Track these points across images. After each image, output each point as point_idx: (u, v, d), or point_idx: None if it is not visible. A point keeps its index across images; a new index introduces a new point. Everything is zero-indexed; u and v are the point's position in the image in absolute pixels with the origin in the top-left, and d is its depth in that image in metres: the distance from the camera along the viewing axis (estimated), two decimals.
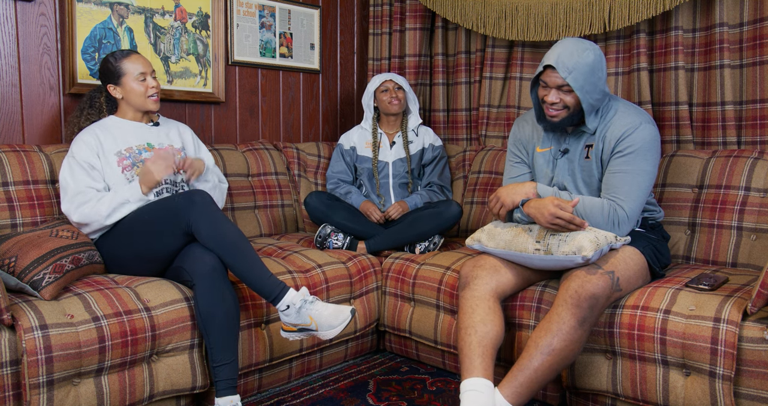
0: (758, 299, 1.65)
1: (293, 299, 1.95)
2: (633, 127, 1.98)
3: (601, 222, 1.95)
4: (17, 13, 2.38)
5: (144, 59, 2.26)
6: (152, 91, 2.23)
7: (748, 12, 2.38)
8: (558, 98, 2.00)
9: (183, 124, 2.47)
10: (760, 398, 1.65)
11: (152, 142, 2.29)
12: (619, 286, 1.86)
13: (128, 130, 2.25)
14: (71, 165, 2.13)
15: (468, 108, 3.27)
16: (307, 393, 2.25)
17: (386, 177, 2.95)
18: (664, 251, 2.12)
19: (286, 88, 3.34)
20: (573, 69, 1.95)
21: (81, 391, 1.72)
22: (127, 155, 2.20)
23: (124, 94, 2.23)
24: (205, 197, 1.98)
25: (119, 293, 1.87)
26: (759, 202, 2.22)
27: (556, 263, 1.91)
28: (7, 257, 1.82)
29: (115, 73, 2.21)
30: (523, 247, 1.96)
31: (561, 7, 2.72)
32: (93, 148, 2.15)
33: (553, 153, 2.15)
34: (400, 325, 2.49)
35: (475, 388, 1.77)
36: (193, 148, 2.42)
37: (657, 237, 2.12)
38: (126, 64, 2.21)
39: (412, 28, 3.31)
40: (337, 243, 2.67)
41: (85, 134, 2.18)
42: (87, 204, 2.07)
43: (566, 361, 1.80)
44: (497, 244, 2.03)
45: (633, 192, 1.95)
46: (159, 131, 2.33)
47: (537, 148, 2.20)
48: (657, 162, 2.02)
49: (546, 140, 2.18)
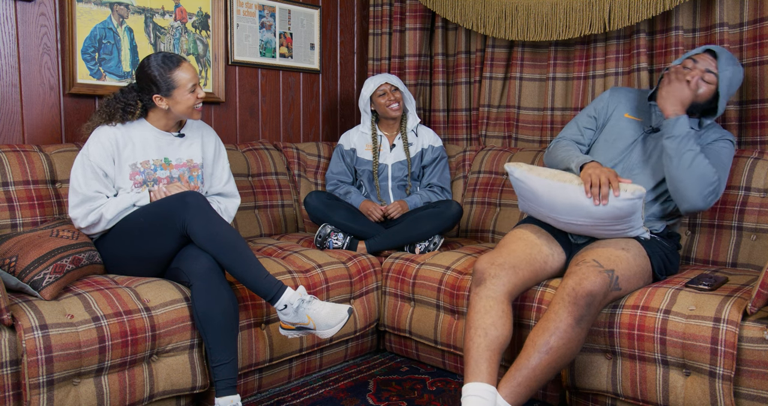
0: (758, 299, 1.65)
1: (291, 298, 1.95)
2: (731, 139, 2.11)
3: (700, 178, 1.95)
4: (17, 13, 2.38)
5: (192, 68, 2.13)
6: (199, 103, 2.15)
7: (748, 12, 2.38)
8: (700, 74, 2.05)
9: (209, 131, 2.35)
10: (760, 398, 1.65)
11: (170, 158, 2.20)
12: (618, 285, 1.86)
13: (150, 142, 2.16)
14: (84, 166, 2.07)
15: (468, 108, 3.27)
16: (307, 393, 2.25)
17: (385, 179, 2.94)
18: (674, 261, 2.09)
19: (286, 88, 3.34)
20: (727, 67, 2.05)
21: (81, 391, 1.72)
22: (141, 170, 2.13)
23: (171, 105, 2.11)
24: (199, 198, 1.97)
25: (119, 293, 1.87)
26: (759, 202, 2.22)
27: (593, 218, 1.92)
28: (7, 257, 1.83)
29: (166, 84, 2.07)
30: (567, 179, 1.93)
31: (561, 7, 2.72)
32: (109, 153, 2.08)
33: (642, 127, 2.17)
34: (400, 325, 2.49)
35: (478, 393, 1.73)
36: (212, 162, 2.32)
37: (671, 246, 2.10)
38: (179, 76, 2.08)
39: (412, 28, 3.31)
40: (337, 243, 2.67)
41: (105, 136, 2.09)
42: (95, 211, 2.04)
43: (565, 359, 1.80)
44: (539, 173, 1.97)
45: (724, 180, 2.03)
46: (181, 144, 2.24)
47: (625, 114, 2.21)
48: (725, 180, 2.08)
49: (636, 112, 2.21)
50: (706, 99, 2.09)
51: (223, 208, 2.35)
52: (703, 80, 2.06)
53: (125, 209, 2.06)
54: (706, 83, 2.06)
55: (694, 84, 2.04)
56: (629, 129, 2.18)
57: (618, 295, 1.89)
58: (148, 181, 2.14)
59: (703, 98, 2.08)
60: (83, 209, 2.04)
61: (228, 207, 2.37)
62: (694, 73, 2.05)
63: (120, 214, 2.06)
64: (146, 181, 2.14)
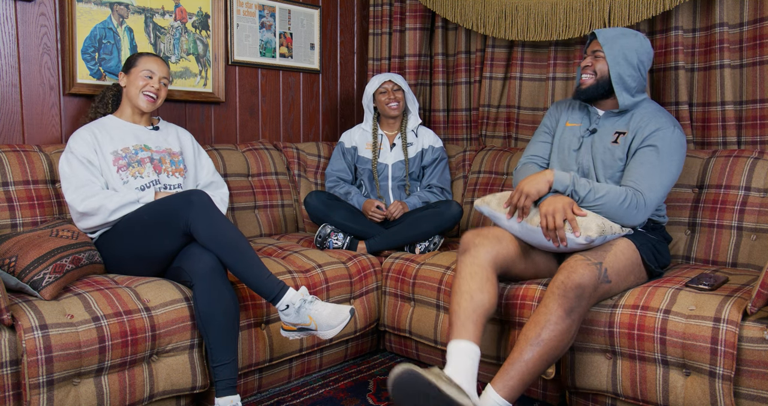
0: (758, 299, 1.65)
1: (292, 298, 1.95)
2: (668, 127, 2.07)
3: (617, 204, 1.96)
4: (17, 13, 2.38)
5: (162, 65, 2.31)
6: (149, 90, 2.26)
7: (748, 12, 2.38)
8: (590, 62, 2.15)
9: (183, 129, 2.48)
10: (760, 398, 1.65)
11: (149, 145, 2.29)
12: (608, 277, 1.87)
13: (126, 132, 2.26)
14: (69, 160, 2.14)
15: (468, 108, 3.27)
16: (307, 393, 2.25)
17: (385, 179, 2.95)
18: (663, 251, 2.12)
19: (286, 88, 3.34)
20: (611, 39, 2.11)
21: (81, 391, 1.72)
22: (123, 155, 2.20)
23: (126, 84, 2.28)
24: (203, 197, 1.98)
25: (119, 293, 1.87)
26: (759, 202, 2.22)
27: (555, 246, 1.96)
28: (7, 257, 1.82)
29: (131, 62, 2.29)
30: (528, 219, 1.99)
31: (561, 7, 2.72)
32: (90, 145, 2.16)
33: (581, 131, 2.22)
34: (400, 325, 2.49)
35: (464, 351, 1.79)
36: (192, 154, 2.42)
37: (657, 238, 2.13)
38: (143, 59, 2.28)
39: (412, 28, 3.31)
40: (337, 243, 2.67)
41: (83, 131, 2.20)
42: (95, 197, 2.07)
43: (556, 352, 1.80)
44: (505, 212, 2.06)
45: (656, 186, 2.00)
46: (158, 135, 2.34)
47: (566, 123, 2.27)
48: (680, 169, 2.08)
49: (577, 117, 2.26)
50: (608, 71, 2.11)
51: (219, 199, 2.41)
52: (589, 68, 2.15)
53: (129, 203, 2.08)
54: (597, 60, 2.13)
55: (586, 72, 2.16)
56: (572, 135, 2.25)
57: (609, 288, 1.89)
58: (132, 164, 2.20)
59: (607, 73, 2.12)
60: (78, 194, 2.08)
61: (224, 199, 2.45)
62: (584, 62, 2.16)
63: (123, 208, 2.07)
64: (130, 164, 2.20)
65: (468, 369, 1.77)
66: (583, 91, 2.18)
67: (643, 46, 2.12)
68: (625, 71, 2.10)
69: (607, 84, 2.14)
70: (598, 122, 2.20)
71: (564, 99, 2.43)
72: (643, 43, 2.13)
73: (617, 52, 2.09)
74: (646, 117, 2.11)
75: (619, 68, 2.10)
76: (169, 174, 2.29)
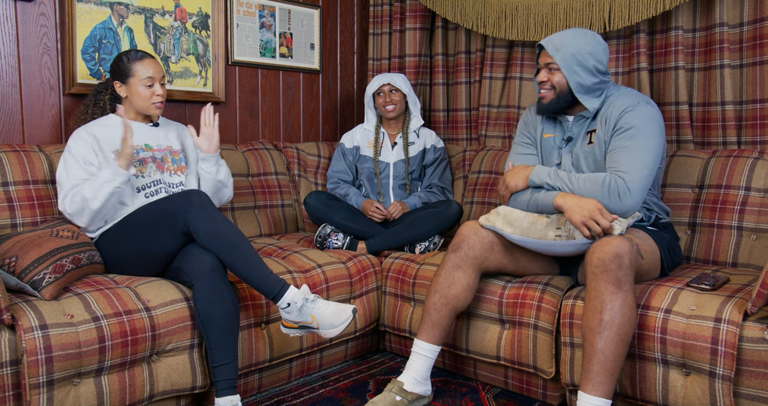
0: (758, 299, 1.65)
1: (294, 296, 1.94)
2: (632, 105, 1.99)
3: (598, 192, 1.90)
4: (17, 13, 2.38)
5: (157, 65, 2.24)
6: (157, 99, 2.23)
7: (748, 12, 2.38)
8: (546, 77, 2.08)
9: (183, 126, 2.47)
10: (760, 398, 1.66)
11: (150, 143, 2.28)
12: (641, 253, 1.84)
13: None
14: (66, 160, 2.13)
15: (468, 108, 3.27)
16: (307, 393, 2.24)
17: (387, 177, 2.95)
18: (677, 250, 2.11)
19: (286, 88, 3.34)
20: (560, 47, 2.02)
21: (81, 391, 1.72)
22: None
23: (128, 94, 2.23)
24: (202, 197, 1.98)
25: (119, 293, 1.87)
26: (759, 202, 2.22)
27: (580, 247, 1.91)
28: (7, 257, 1.82)
29: (125, 72, 2.20)
30: (542, 234, 1.96)
31: (561, 7, 2.72)
32: (90, 145, 2.15)
33: (557, 141, 2.17)
34: (400, 325, 2.49)
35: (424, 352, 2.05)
36: (194, 150, 2.41)
37: (670, 236, 2.12)
38: (137, 67, 2.20)
39: (412, 28, 3.31)
40: (337, 243, 2.67)
41: (83, 131, 2.18)
42: (78, 195, 2.05)
43: (625, 328, 1.73)
44: (514, 230, 2.01)
45: (634, 166, 1.90)
46: (158, 132, 2.33)
47: (543, 134, 2.22)
48: (660, 141, 1.99)
49: (551, 127, 2.20)
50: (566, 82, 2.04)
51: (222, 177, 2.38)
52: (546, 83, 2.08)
53: (104, 183, 2.02)
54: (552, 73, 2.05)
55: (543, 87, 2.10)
56: (551, 147, 2.19)
57: (641, 265, 1.85)
58: (134, 163, 2.18)
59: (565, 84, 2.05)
60: (66, 198, 2.07)
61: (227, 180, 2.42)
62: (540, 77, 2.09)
63: (100, 191, 2.01)
64: (132, 164, 2.15)
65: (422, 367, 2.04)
66: (546, 107, 2.11)
67: (594, 44, 2.02)
68: (584, 78, 2.02)
69: (568, 95, 2.06)
70: (572, 129, 2.13)
71: (531, 107, 2.29)
72: (592, 41, 2.02)
73: (570, 61, 2.00)
74: (610, 106, 2.03)
75: (577, 77, 2.01)
76: (171, 173, 2.29)
